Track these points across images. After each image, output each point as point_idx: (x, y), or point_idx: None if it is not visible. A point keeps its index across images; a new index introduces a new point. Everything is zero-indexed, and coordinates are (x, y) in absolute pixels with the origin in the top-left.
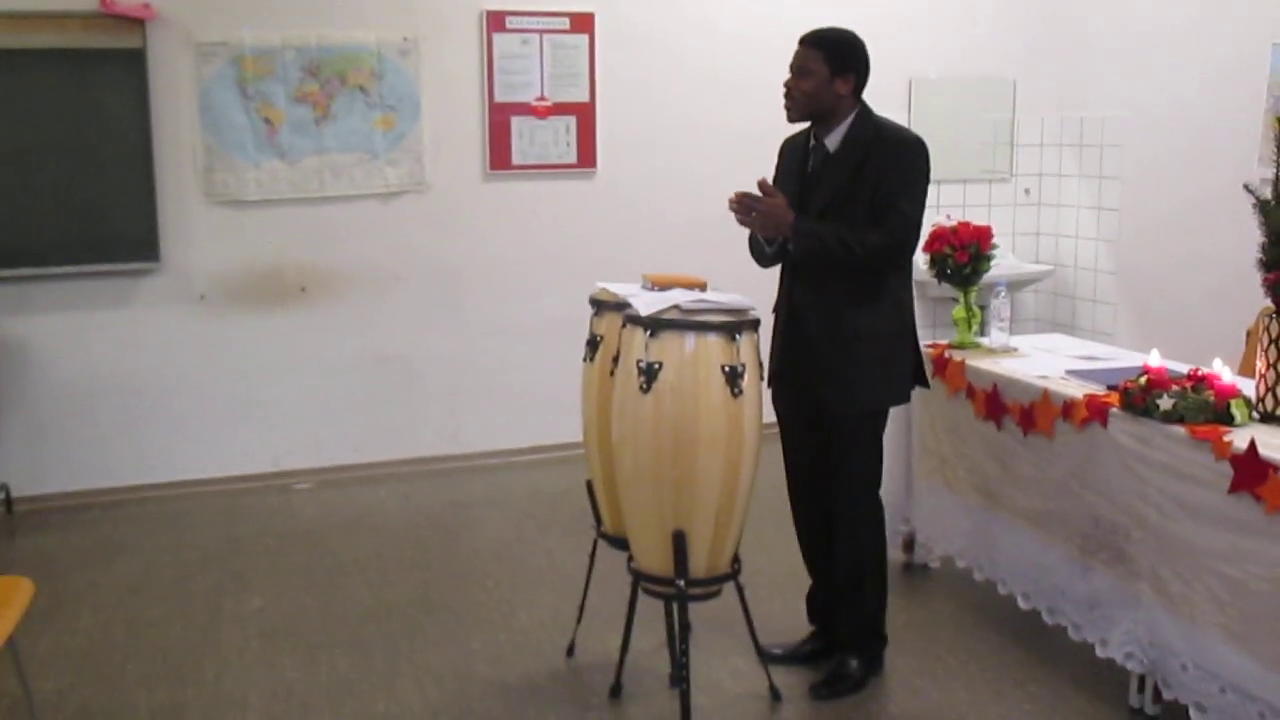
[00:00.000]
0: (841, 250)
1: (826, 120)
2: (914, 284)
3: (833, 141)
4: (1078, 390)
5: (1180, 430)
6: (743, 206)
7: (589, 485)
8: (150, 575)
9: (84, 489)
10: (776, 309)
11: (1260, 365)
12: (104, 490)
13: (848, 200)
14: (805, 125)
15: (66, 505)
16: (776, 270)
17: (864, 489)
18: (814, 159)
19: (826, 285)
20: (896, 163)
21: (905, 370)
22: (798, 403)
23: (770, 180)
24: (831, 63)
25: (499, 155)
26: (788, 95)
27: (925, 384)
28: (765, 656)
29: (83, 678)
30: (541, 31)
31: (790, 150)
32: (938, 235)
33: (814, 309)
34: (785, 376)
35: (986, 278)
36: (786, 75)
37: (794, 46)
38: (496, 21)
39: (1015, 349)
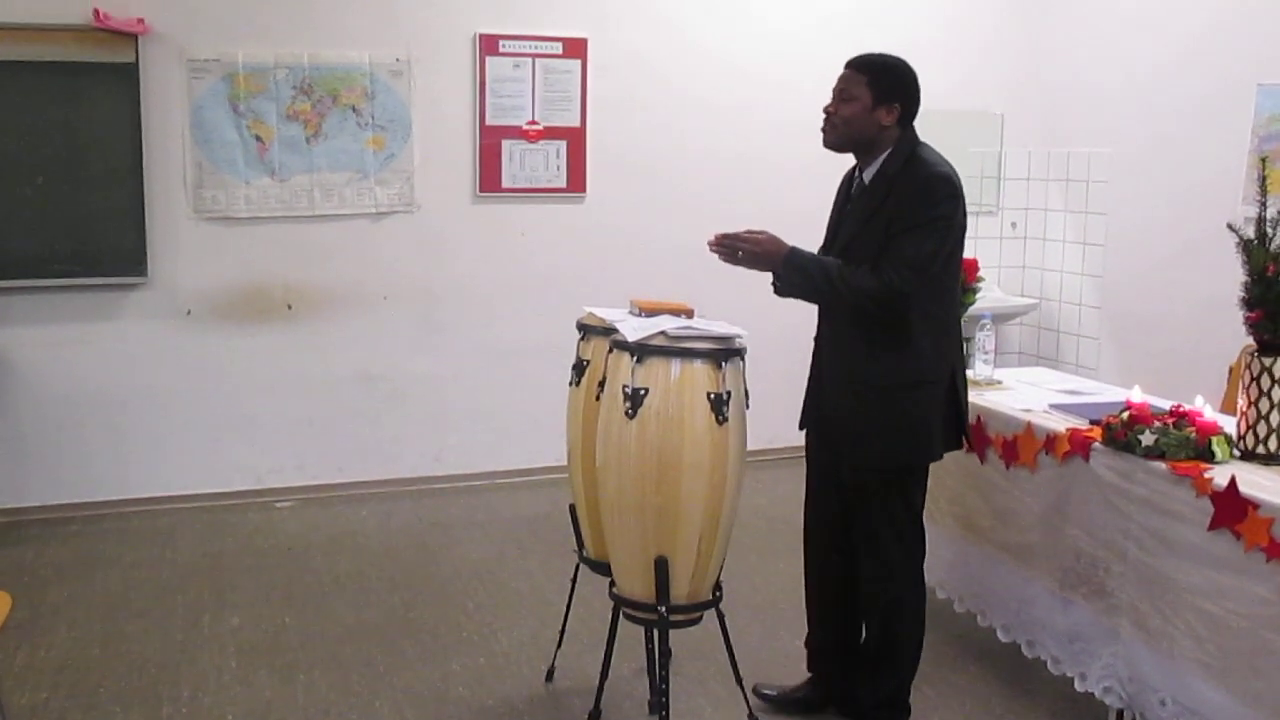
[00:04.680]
0: (828, 289)
1: (868, 151)
2: None
3: (869, 174)
4: (1060, 424)
5: (1161, 466)
6: (725, 248)
7: (572, 509)
8: (129, 591)
9: (65, 502)
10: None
11: (1242, 403)
12: (85, 504)
13: (868, 237)
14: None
15: (47, 518)
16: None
17: (897, 559)
18: (853, 193)
19: (846, 328)
20: (911, 199)
21: (930, 426)
22: (819, 452)
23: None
24: (876, 89)
25: (489, 177)
26: (826, 120)
27: (959, 444)
28: (758, 694)
29: (58, 693)
30: (534, 55)
31: (842, 184)
32: None
33: (832, 353)
34: (809, 419)
35: (971, 310)
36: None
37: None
38: (489, 45)
39: (999, 382)
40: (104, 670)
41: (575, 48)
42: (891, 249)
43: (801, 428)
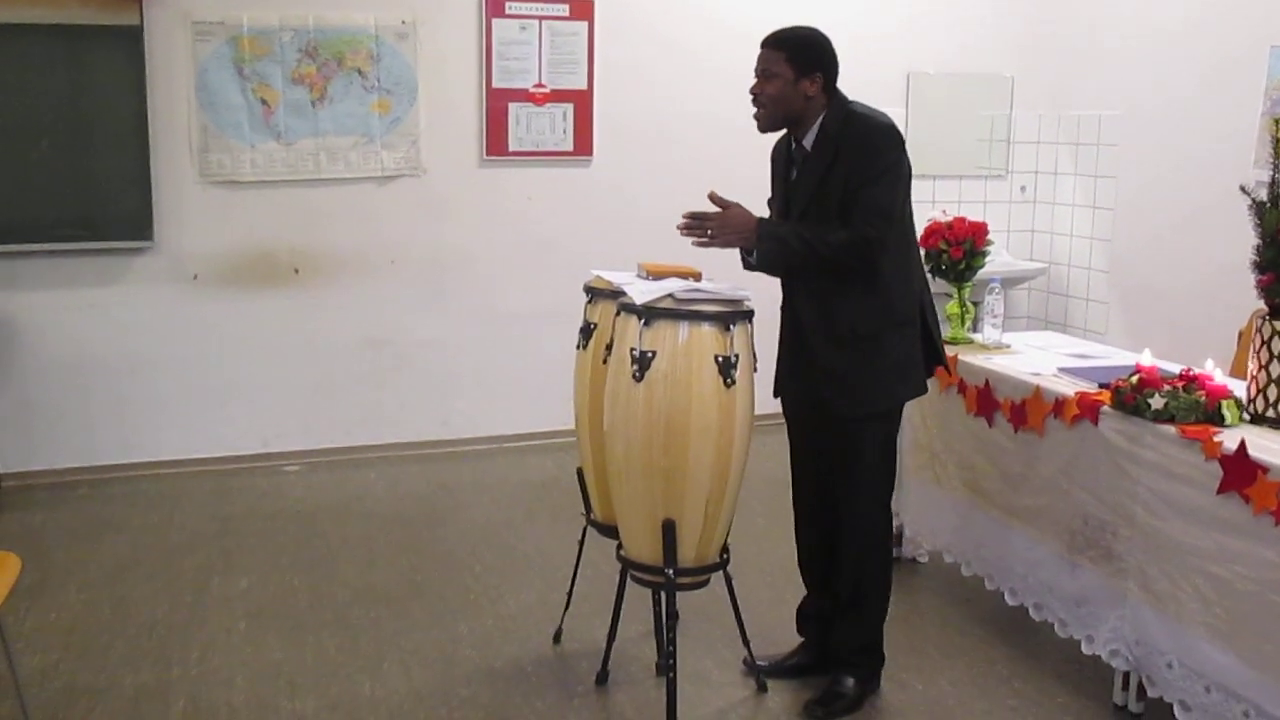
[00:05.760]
0: (806, 250)
1: (800, 122)
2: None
3: (809, 140)
4: (1069, 388)
5: (1171, 430)
6: (693, 228)
7: (579, 473)
8: (138, 554)
9: (72, 466)
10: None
11: (1252, 367)
12: (92, 468)
13: (825, 198)
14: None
15: (55, 483)
16: None
17: (872, 499)
18: (796, 161)
19: (820, 282)
20: (862, 153)
21: (912, 364)
22: (802, 407)
23: (771, 189)
24: (795, 63)
25: (495, 141)
26: (755, 102)
27: (941, 362)
28: (751, 666)
29: (68, 655)
30: (541, 18)
31: (777, 156)
32: (933, 230)
33: (810, 307)
34: (788, 379)
35: (980, 274)
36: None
37: None
38: (495, 7)
39: (1008, 346)
40: (114, 632)
41: (582, 9)
42: (859, 201)
43: (776, 396)
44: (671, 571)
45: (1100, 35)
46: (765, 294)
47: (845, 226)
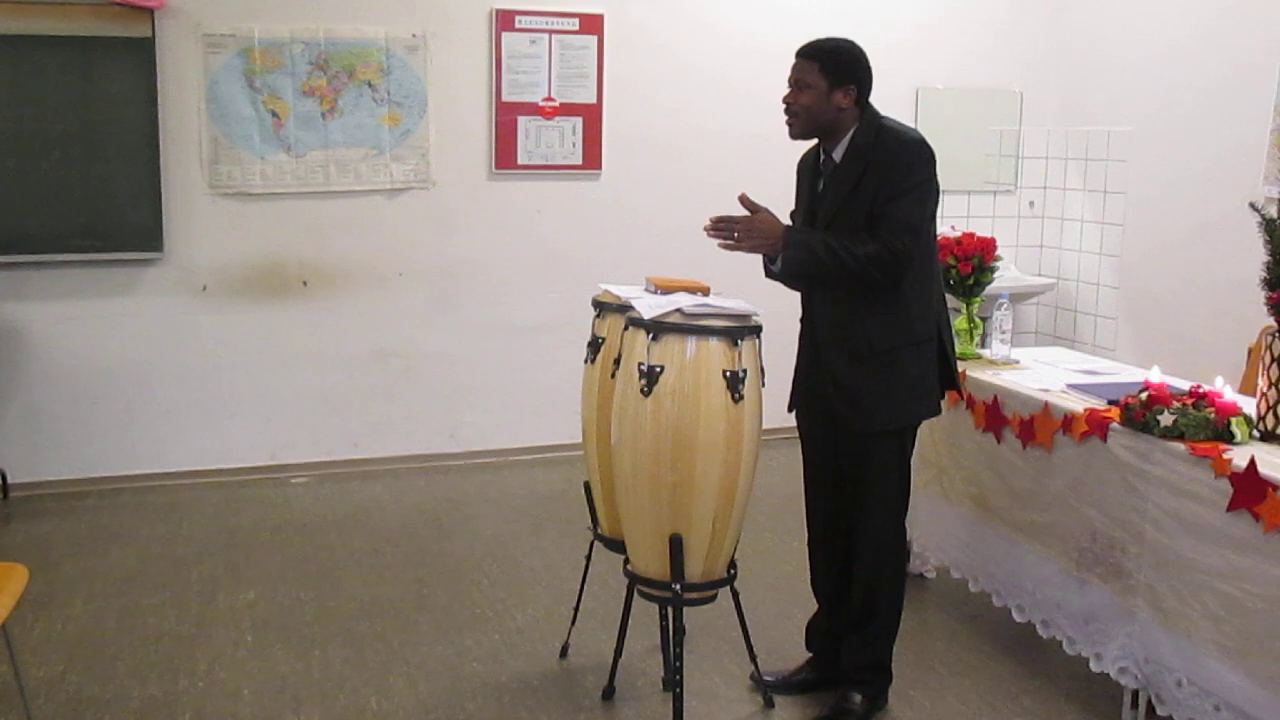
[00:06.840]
0: (832, 261)
1: (832, 134)
2: None
3: (839, 153)
4: (1078, 404)
5: (1180, 447)
6: (720, 231)
7: (586, 486)
8: (145, 565)
9: (81, 477)
10: (801, 322)
11: (1261, 383)
12: (100, 479)
13: (852, 211)
14: (815, 141)
15: (63, 493)
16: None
17: (886, 516)
18: (824, 173)
19: (839, 296)
20: (892, 167)
21: (928, 383)
22: (817, 423)
23: (794, 201)
24: (829, 74)
25: (505, 154)
26: (787, 111)
27: (954, 386)
28: (758, 682)
29: (75, 666)
30: (550, 32)
31: (804, 167)
32: (941, 245)
33: (828, 322)
34: (804, 395)
35: (989, 289)
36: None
37: None
38: (506, 20)
39: (1016, 361)
40: (120, 643)
41: (592, 23)
42: (886, 215)
43: (791, 409)
44: (679, 586)
45: (1108, 50)
46: (776, 309)
47: (870, 239)
